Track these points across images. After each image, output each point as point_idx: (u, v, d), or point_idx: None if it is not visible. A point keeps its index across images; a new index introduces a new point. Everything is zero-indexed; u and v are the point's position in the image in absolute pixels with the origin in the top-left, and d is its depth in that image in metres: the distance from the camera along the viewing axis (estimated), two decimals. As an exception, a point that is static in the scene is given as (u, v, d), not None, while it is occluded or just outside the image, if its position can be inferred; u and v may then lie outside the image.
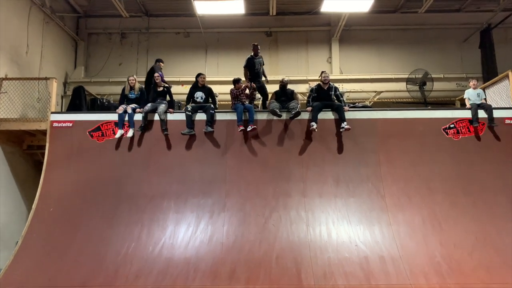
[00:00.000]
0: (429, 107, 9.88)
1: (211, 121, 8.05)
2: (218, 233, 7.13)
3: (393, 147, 7.97)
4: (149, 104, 8.28)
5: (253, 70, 8.95)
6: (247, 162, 7.90)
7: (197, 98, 8.35)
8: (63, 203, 7.55)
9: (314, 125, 7.89)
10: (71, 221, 7.31)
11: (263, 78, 9.27)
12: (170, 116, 8.29)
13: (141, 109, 8.25)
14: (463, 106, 10.19)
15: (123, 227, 7.19)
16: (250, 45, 9.06)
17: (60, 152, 8.10)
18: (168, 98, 8.60)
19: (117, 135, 8.06)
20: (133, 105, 8.33)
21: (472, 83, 8.78)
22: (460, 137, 8.10)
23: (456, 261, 6.61)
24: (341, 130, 7.93)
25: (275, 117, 8.18)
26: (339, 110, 8.08)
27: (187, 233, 7.12)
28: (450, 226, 7.14)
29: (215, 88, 10.46)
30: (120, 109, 8.16)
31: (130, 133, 8.06)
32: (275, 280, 6.39)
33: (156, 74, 8.47)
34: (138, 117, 8.24)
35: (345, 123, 7.91)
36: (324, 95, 8.31)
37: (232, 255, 6.81)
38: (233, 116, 8.21)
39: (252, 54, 9.00)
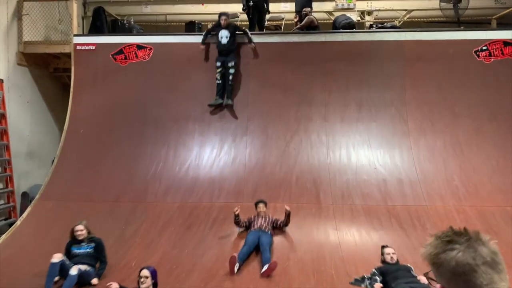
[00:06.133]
0: (462, 27, 9.31)
1: (231, 90, 7.70)
2: (241, 155, 7.39)
3: (420, 70, 7.72)
4: None
5: None
6: (269, 85, 7.87)
7: (221, 38, 7.67)
8: (92, 125, 7.87)
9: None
10: (101, 142, 7.68)
11: None
12: (186, 39, 8.18)
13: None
14: (499, 25, 9.57)
15: (150, 148, 7.52)
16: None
17: (86, 75, 8.24)
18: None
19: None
20: (83, 266, 5.14)
21: None
22: (492, 60, 7.73)
23: (474, 185, 6.73)
24: None
25: (297, 40, 7.99)
26: None
27: (211, 154, 7.41)
28: (472, 151, 7.14)
29: (234, 7, 10.06)
30: (55, 257, 5.02)
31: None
32: (294, 199, 6.73)
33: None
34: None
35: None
36: None
37: (254, 176, 7.13)
38: (255, 39, 8.00)
39: None
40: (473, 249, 1.15)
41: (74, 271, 4.99)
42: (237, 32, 7.86)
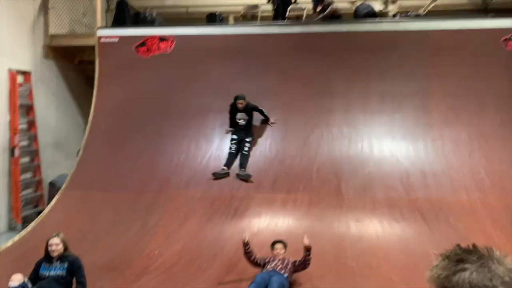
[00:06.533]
0: (491, 15, 9.01)
1: (245, 163, 7.18)
2: (261, 146, 7.40)
3: (445, 61, 7.52)
4: None
5: None
6: (290, 77, 7.82)
7: (239, 120, 7.43)
8: (115, 117, 8.02)
9: None
10: (124, 134, 7.82)
11: None
12: (208, 30, 8.13)
13: None
14: (530, 13, 9.20)
15: (172, 140, 7.61)
16: None
17: (110, 67, 8.37)
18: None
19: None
20: None
21: None
22: (521, 49, 7.48)
23: (500, 178, 6.54)
24: None
25: (319, 30, 7.91)
26: None
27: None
28: (498, 143, 6.94)
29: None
30: (14, 279, 4.08)
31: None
32: (315, 191, 6.70)
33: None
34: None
35: None
36: None
37: (274, 167, 7.13)
38: (276, 30, 7.98)
39: None
40: (487, 268, 1.04)
41: None
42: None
